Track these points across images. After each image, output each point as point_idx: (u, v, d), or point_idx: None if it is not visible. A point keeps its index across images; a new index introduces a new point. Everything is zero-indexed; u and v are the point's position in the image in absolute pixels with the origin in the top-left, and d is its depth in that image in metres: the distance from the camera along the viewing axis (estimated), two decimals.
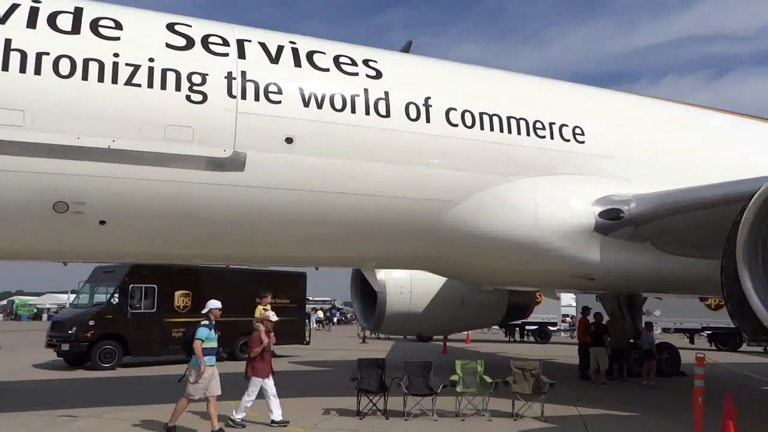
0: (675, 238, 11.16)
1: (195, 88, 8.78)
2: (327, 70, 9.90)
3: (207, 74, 8.89)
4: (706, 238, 10.27)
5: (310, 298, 68.48)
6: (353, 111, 9.74)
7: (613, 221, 11.00)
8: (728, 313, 8.55)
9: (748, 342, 27.17)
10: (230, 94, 8.96)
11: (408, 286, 16.80)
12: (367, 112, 9.83)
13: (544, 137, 11.05)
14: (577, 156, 11.32)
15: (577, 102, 12.42)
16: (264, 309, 10.07)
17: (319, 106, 9.52)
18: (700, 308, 27.70)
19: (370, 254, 11.25)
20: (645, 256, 11.45)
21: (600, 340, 15.49)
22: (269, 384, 9.22)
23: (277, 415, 9.12)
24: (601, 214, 11.02)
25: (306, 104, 9.46)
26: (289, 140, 9.24)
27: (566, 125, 11.32)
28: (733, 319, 8.47)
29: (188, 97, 8.71)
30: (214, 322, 8.78)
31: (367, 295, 17.43)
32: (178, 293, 18.48)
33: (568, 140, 11.28)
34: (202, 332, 8.55)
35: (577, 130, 11.41)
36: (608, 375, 15.57)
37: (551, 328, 35.12)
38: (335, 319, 51.36)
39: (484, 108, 10.69)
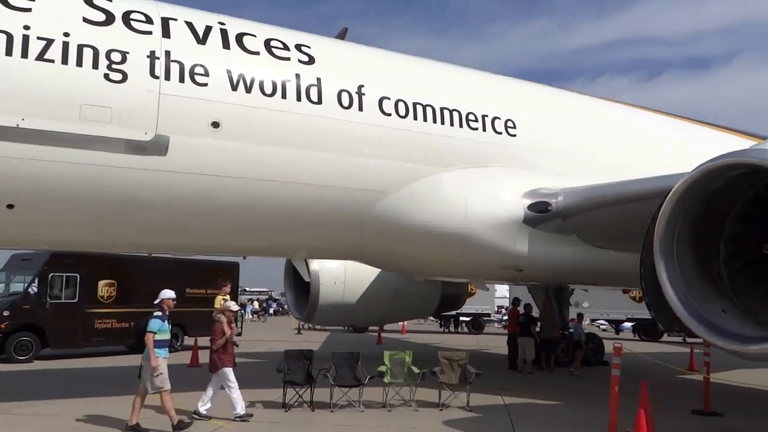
0: (600, 231, 11.46)
1: (114, 66, 8.34)
2: (257, 53, 9.61)
3: (128, 52, 8.46)
4: (629, 232, 10.54)
5: (246, 289, 67.59)
6: (284, 96, 9.51)
7: (541, 214, 11.19)
8: (646, 304, 8.83)
9: (668, 333, 28.54)
10: (153, 75, 8.56)
11: (342, 277, 16.66)
12: (299, 98, 9.62)
13: (476, 129, 11.11)
14: (509, 149, 11.45)
15: (511, 95, 12.57)
16: (224, 299, 9.78)
17: (248, 90, 9.23)
18: (625, 300, 28.78)
19: (301, 244, 11.06)
20: (571, 249, 11.72)
21: (528, 330, 15.83)
22: (231, 377, 8.97)
23: (240, 408, 8.89)
24: (530, 207, 11.19)
25: (234, 88, 9.15)
26: (215, 124, 8.92)
27: (499, 118, 11.42)
28: (650, 310, 8.73)
29: (107, 76, 8.27)
30: (167, 313, 8.43)
31: (301, 285, 17.19)
32: (102, 283, 17.71)
33: (500, 133, 11.39)
34: (154, 324, 8.15)
35: (510, 124, 11.53)
36: (536, 365, 15.95)
37: (486, 318, 35.83)
38: (271, 310, 50.69)
39: (417, 98, 10.65)
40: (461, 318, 36.01)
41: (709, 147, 9.66)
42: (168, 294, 8.51)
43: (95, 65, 8.20)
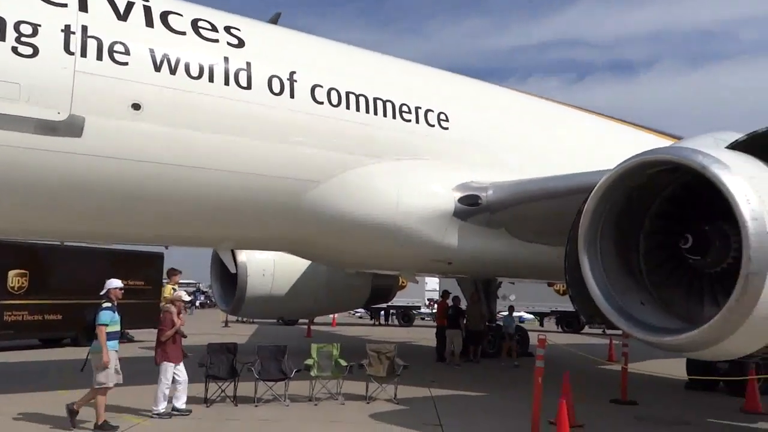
0: (527, 225, 11.66)
1: (24, 39, 7.74)
2: (183, 33, 9.18)
3: (39, 25, 7.87)
4: (555, 227, 10.75)
5: None
6: (211, 80, 9.12)
7: (471, 207, 11.27)
8: (570, 297, 9.03)
9: (589, 324, 29.66)
10: (67, 50, 8.00)
11: (271, 269, 16.29)
12: (227, 83, 9.25)
13: (409, 121, 11.05)
14: (441, 141, 11.45)
15: (444, 88, 12.58)
16: (173, 288, 9.43)
17: (173, 71, 8.79)
18: (550, 293, 29.67)
19: (226, 234, 10.69)
20: (500, 242, 11.87)
21: (457, 323, 16.03)
22: (180, 369, 8.70)
23: (181, 403, 8.63)
24: (461, 200, 11.25)
25: (158, 68, 8.69)
26: (136, 106, 8.45)
27: (431, 110, 11.40)
28: (574, 303, 8.93)
29: (15, 49, 7.67)
30: (116, 304, 8.05)
31: (228, 277, 16.70)
32: (12, 273, 16.65)
33: (433, 125, 11.37)
34: (105, 316, 7.76)
35: (442, 116, 11.53)
36: (464, 356, 16.16)
37: (415, 311, 36.17)
38: (198, 303, 49.37)
39: (351, 87, 10.46)
40: (391, 310, 36.23)
41: (633, 145, 9.96)
42: (115, 283, 8.15)
43: (2, 37, 7.59)
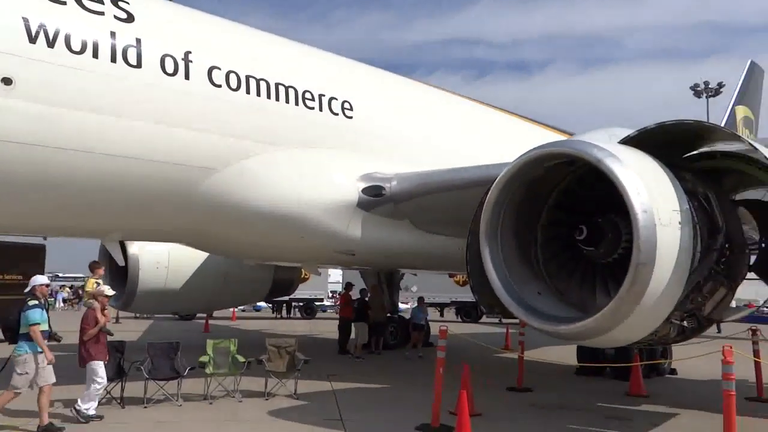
0: (430, 216, 11.69)
1: None
2: (64, 3, 8.37)
3: None
4: (458, 218, 10.84)
5: (59, 275, 61.35)
6: (95, 56, 8.38)
7: (375, 198, 11.14)
8: (470, 288, 9.12)
9: (487, 314, 30.61)
10: None
11: (165, 261, 15.40)
12: (113, 60, 8.54)
13: (312, 108, 10.73)
14: (345, 130, 11.23)
15: (349, 77, 12.35)
16: (96, 282, 8.86)
17: (50, 44, 7.99)
18: (450, 284, 30.31)
19: (113, 225, 9.91)
20: (404, 234, 11.84)
21: (363, 315, 15.96)
22: (101, 372, 8.16)
23: (93, 408, 8.07)
24: (365, 191, 11.09)
25: (32, 40, 7.87)
26: (6, 81, 7.61)
27: (335, 98, 11.14)
28: (475, 294, 9.04)
29: None
30: (43, 301, 7.64)
31: (119, 270, 15.67)
32: None
33: (337, 114, 11.12)
34: (35, 315, 7.31)
35: (347, 105, 11.30)
36: (366, 349, 16.10)
37: (318, 303, 35.84)
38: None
39: (251, 71, 10.00)
40: (294, 303, 35.71)
41: (532, 140, 10.18)
42: (40, 280, 7.79)
43: None
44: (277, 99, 10.21)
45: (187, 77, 9.15)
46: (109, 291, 8.67)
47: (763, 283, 8.39)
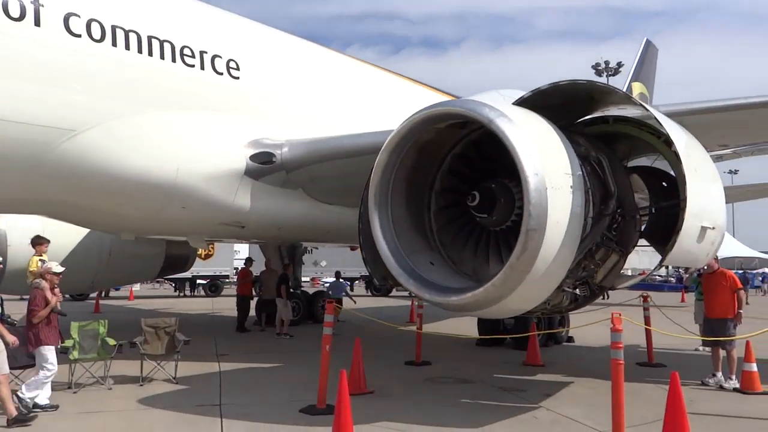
0: (324, 185, 11.07)
1: None
2: None
3: None
4: (352, 187, 10.25)
5: None
6: None
7: (264, 165, 10.37)
8: (363, 259, 8.61)
9: (380, 287, 30.51)
10: None
11: None
12: None
13: (192, 66, 9.75)
14: (230, 92, 10.32)
15: (236, 34, 11.35)
16: (41, 260, 8.20)
17: None
18: (358, 258, 29.81)
19: None
20: (297, 204, 11.17)
21: (280, 291, 15.26)
22: (52, 358, 7.41)
23: (45, 397, 7.30)
24: (253, 158, 10.29)
25: None
26: None
27: (219, 57, 10.18)
28: (367, 265, 8.54)
29: None
30: None
31: None
32: None
33: (221, 74, 10.18)
34: None
35: (232, 64, 10.37)
36: (258, 325, 15.57)
37: (224, 281, 34.53)
38: None
39: (118, 21, 8.88)
40: (198, 280, 34.26)
41: None
42: None
43: None
44: (150, 54, 9.16)
45: (37, 23, 7.96)
46: (57, 268, 7.82)
47: (654, 250, 8.35)
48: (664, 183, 8.30)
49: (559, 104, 7.52)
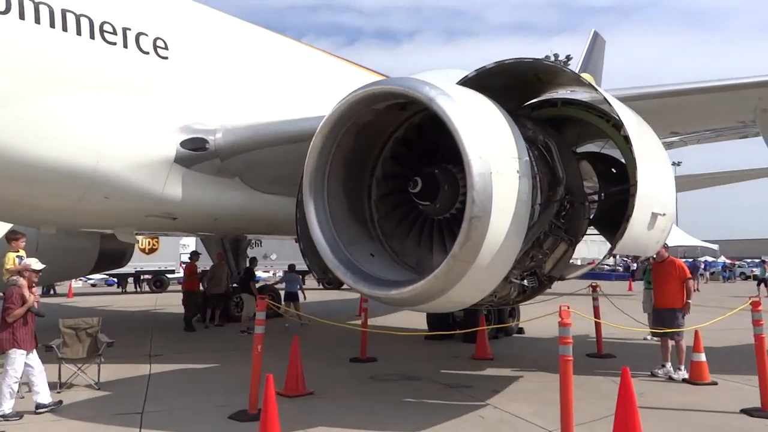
0: (262, 173, 10.44)
1: None
2: None
3: None
4: (292, 175, 9.68)
5: None
6: None
7: (196, 152, 9.69)
8: (301, 251, 8.07)
9: (319, 281, 29.84)
10: None
11: None
12: None
13: (113, 44, 8.96)
14: (157, 73, 9.56)
15: (164, 9, 10.51)
16: (18, 257, 7.50)
17: None
18: None
19: None
20: (234, 194, 10.51)
21: (247, 286, 14.55)
22: (33, 358, 7.01)
23: (45, 396, 6.96)
24: (184, 144, 9.58)
25: None
26: None
27: (145, 34, 9.40)
28: (305, 258, 8.01)
29: None
30: None
31: None
32: None
33: (147, 53, 9.41)
34: None
35: (160, 43, 9.61)
36: (201, 322, 14.87)
37: (169, 276, 33.37)
38: None
39: None
40: (142, 276, 33.02)
41: None
42: None
43: None
44: (65, 29, 8.34)
45: None
46: (37, 264, 7.31)
47: (603, 239, 8.07)
48: (613, 169, 8.04)
49: (505, 86, 7.12)
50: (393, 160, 7.31)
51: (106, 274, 31.32)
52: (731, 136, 14.31)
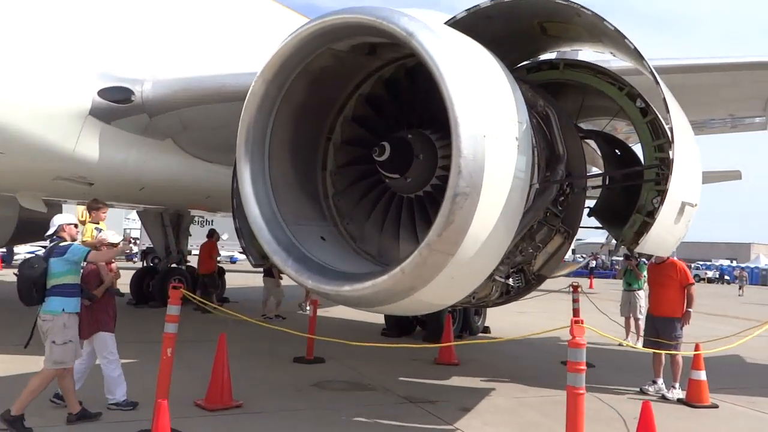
0: (202, 137, 8.84)
1: None
2: None
3: None
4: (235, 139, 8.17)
5: None
6: None
7: (118, 105, 8.00)
8: (236, 231, 6.54)
9: (254, 266, 28.25)
10: None
11: None
12: None
13: None
14: (71, 8, 7.82)
15: None
16: (97, 229, 6.84)
17: None
18: None
19: None
20: (166, 159, 8.91)
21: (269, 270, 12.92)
22: (112, 346, 6.04)
23: (122, 392, 5.95)
24: (102, 93, 7.87)
25: None
26: None
27: None
28: (241, 239, 6.49)
29: None
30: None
31: None
32: None
33: None
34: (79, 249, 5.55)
35: None
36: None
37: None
38: None
39: None
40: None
41: None
42: (66, 218, 5.88)
43: None
44: None
45: None
46: (114, 237, 6.48)
47: (605, 231, 6.73)
48: (617, 150, 6.76)
49: (500, 38, 5.68)
50: (356, 122, 5.85)
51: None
52: (719, 129, 13.31)
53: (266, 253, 5.21)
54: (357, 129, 5.83)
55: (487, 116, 4.26)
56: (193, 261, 16.27)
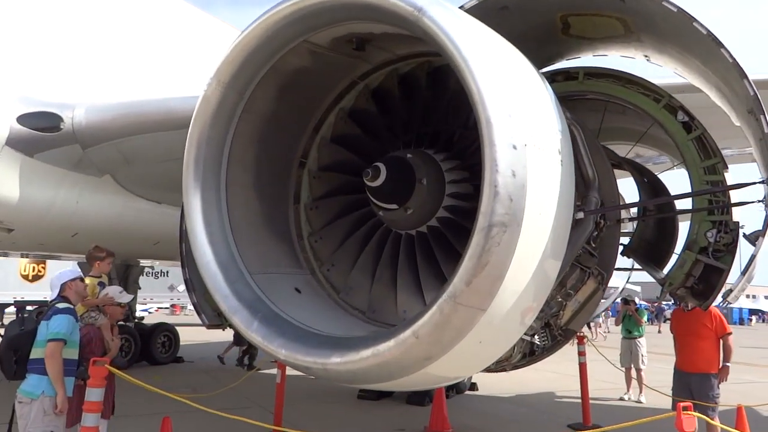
0: (147, 172, 7.51)
1: None
2: None
3: None
4: None
5: None
6: None
7: (44, 133, 6.63)
8: (185, 282, 5.21)
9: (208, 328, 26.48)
10: None
11: None
12: None
13: None
14: None
15: None
16: (100, 283, 5.70)
17: None
18: None
19: None
20: (103, 198, 7.56)
21: None
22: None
23: None
24: (23, 120, 6.50)
25: None
26: None
27: None
28: (191, 293, 5.16)
29: None
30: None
31: None
32: None
33: None
34: (60, 324, 4.43)
35: None
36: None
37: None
38: None
39: None
40: (27, 307, 28.42)
41: None
42: (69, 275, 4.84)
43: None
44: None
45: None
46: (124, 297, 5.62)
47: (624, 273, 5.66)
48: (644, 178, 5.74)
49: (513, 40, 4.63)
50: (336, 143, 4.66)
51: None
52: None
53: (223, 312, 3.91)
54: (338, 152, 4.64)
55: (528, 119, 3.13)
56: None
